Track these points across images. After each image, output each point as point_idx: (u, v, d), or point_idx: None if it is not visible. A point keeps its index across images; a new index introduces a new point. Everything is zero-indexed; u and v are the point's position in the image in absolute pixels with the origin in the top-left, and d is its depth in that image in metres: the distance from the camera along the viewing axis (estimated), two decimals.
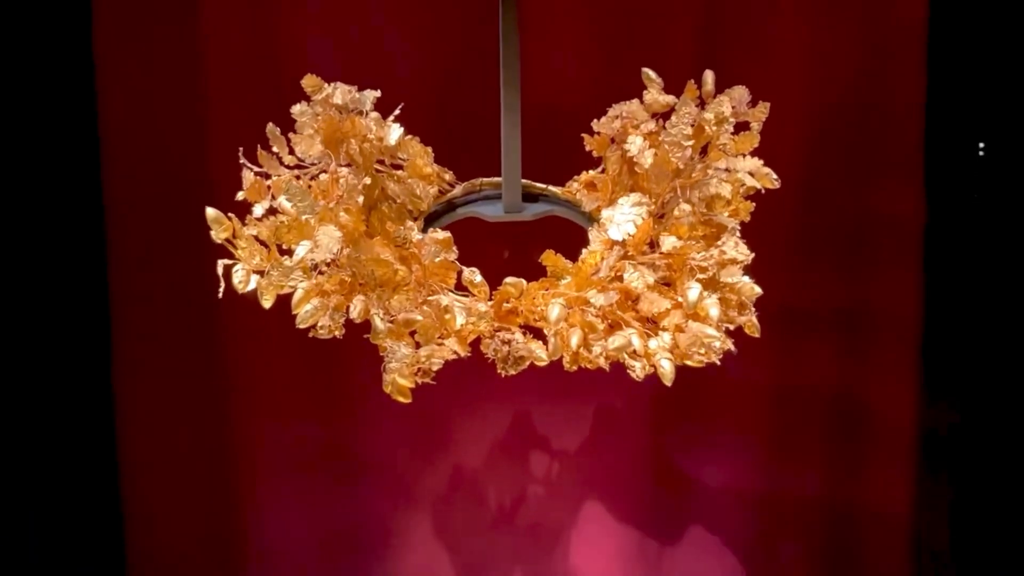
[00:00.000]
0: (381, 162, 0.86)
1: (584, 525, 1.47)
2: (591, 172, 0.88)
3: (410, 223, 0.80)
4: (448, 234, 0.79)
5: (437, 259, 0.78)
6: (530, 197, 0.90)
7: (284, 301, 0.83)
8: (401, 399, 0.81)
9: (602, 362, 0.80)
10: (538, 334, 0.83)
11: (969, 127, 1.31)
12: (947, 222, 1.37)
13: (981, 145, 1.35)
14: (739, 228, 0.83)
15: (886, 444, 1.41)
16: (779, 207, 1.23)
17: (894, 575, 1.45)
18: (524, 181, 0.89)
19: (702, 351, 0.78)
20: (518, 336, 0.80)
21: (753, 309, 0.83)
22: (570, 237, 0.89)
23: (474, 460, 1.44)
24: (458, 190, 0.90)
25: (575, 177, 0.90)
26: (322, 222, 0.79)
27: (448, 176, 0.90)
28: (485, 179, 0.90)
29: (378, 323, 0.78)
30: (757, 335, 0.84)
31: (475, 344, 0.85)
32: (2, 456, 1.25)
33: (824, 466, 1.44)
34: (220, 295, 0.84)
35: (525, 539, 1.48)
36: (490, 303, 0.81)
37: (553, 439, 1.45)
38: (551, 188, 0.90)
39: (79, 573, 1.33)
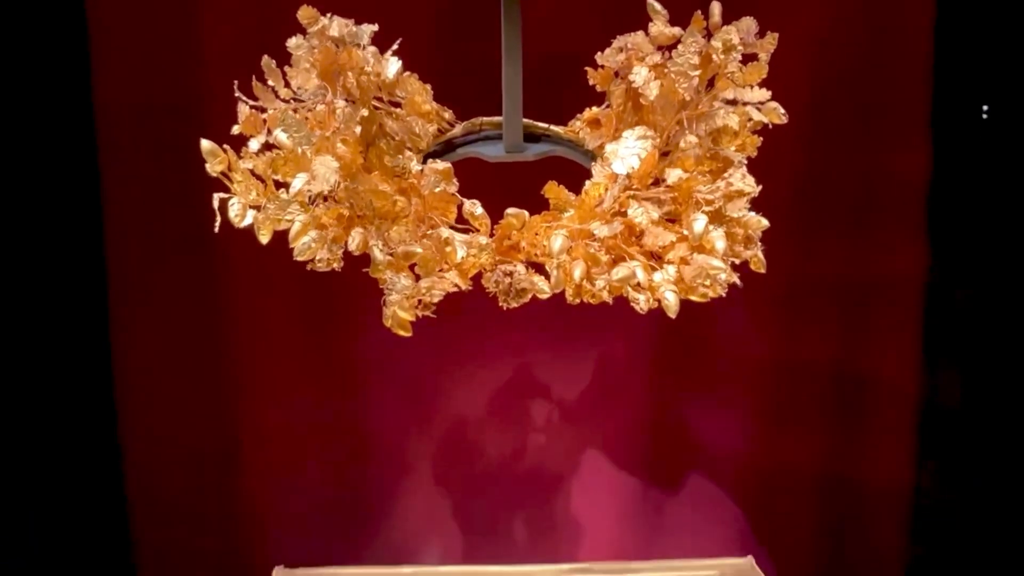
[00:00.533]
0: (379, 99, 0.85)
1: (584, 475, 1.46)
2: (595, 109, 0.86)
3: (409, 153, 0.78)
4: (448, 165, 0.78)
5: (437, 189, 0.77)
6: (532, 137, 0.88)
7: (283, 240, 0.82)
8: (402, 333, 0.79)
9: (605, 295, 0.79)
10: (541, 270, 0.82)
11: (978, 86, 1.30)
12: (953, 185, 1.35)
13: (986, 108, 1.34)
14: (746, 163, 0.81)
15: (888, 401, 1.40)
16: (781, 167, 1.22)
17: (893, 530, 1.44)
18: (525, 121, 0.87)
19: (707, 283, 0.77)
20: (520, 268, 0.78)
21: (759, 244, 0.81)
22: (573, 178, 0.87)
23: (474, 410, 1.44)
24: (458, 129, 0.88)
25: (578, 115, 0.88)
26: (318, 153, 0.77)
27: (448, 115, 0.88)
28: (486, 118, 0.88)
29: (377, 255, 0.77)
30: (763, 270, 0.82)
31: (473, 297, 0.83)
32: None
33: (825, 422, 1.44)
34: (216, 230, 0.82)
35: (524, 489, 1.48)
36: (491, 238, 0.80)
37: (553, 390, 1.44)
38: (553, 128, 0.88)
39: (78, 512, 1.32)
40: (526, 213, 0.78)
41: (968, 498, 1.42)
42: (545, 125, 0.89)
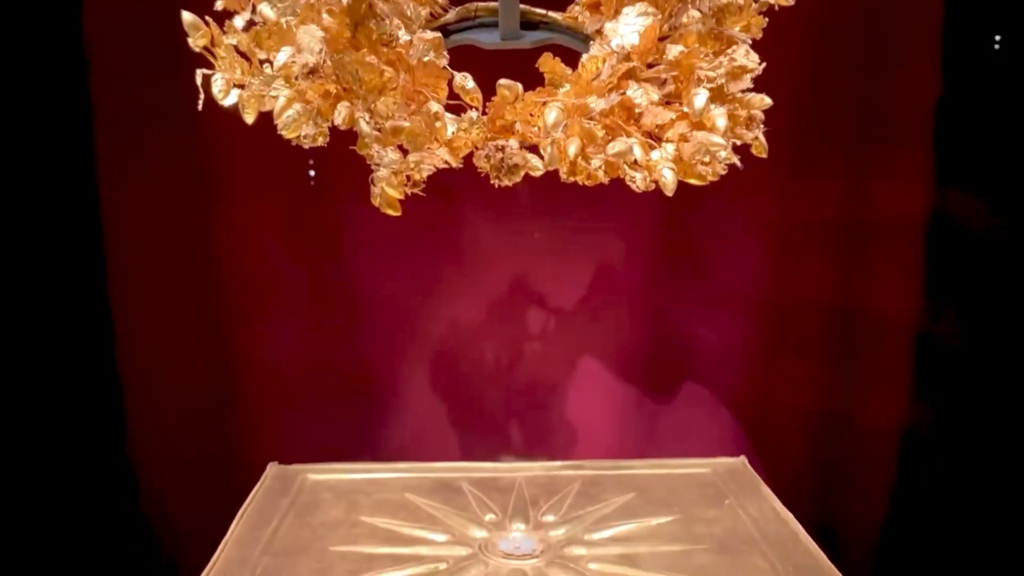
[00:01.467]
0: None
1: (581, 381, 1.46)
2: None
3: (397, 21, 0.75)
4: (439, 35, 0.75)
5: (426, 59, 0.73)
6: (529, 24, 0.85)
7: (271, 127, 0.79)
8: (391, 212, 0.76)
9: (601, 175, 0.76)
10: (536, 152, 0.78)
11: (991, 7, 1.26)
12: (963, 112, 1.31)
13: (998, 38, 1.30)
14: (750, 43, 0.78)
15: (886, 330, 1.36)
16: (784, 89, 1.20)
17: (889, 434, 1.40)
18: (523, 6, 0.84)
19: (706, 159, 0.73)
20: (512, 143, 0.75)
21: (762, 125, 0.78)
22: (572, 66, 0.84)
23: (470, 316, 1.43)
24: (451, 15, 0.85)
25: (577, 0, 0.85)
26: (303, 23, 0.74)
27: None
28: (481, 3, 0.85)
29: (364, 127, 0.74)
30: (764, 155, 0.79)
31: (472, 205, 0.81)
32: None
33: (822, 348, 1.43)
34: (200, 107, 0.79)
35: (521, 394, 1.48)
36: (484, 115, 0.76)
37: (550, 296, 1.44)
38: (551, 14, 0.85)
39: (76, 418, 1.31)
40: (519, 85, 0.75)
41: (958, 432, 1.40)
42: (543, 11, 0.85)
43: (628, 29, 0.75)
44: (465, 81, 0.75)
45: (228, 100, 0.78)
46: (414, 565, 0.99)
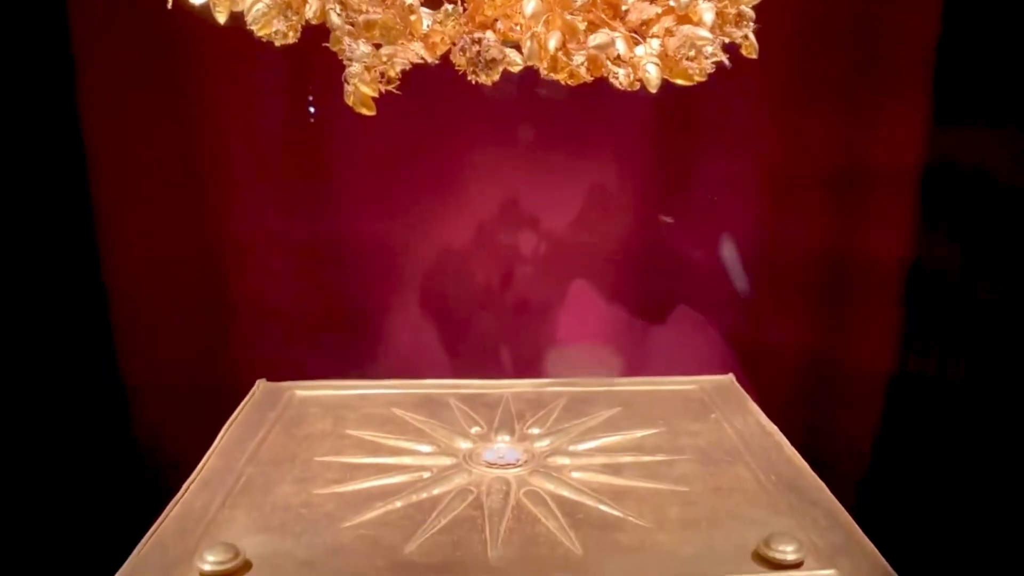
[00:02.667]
0: None
1: (571, 302, 1.46)
2: None
3: None
4: None
5: None
6: None
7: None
8: (365, 111, 0.74)
9: (583, 72, 0.73)
10: (518, 51, 0.76)
11: None
12: (962, 47, 1.28)
13: None
14: None
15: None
16: (780, 31, 1.18)
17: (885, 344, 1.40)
18: None
19: (692, 54, 0.71)
20: (489, 35, 0.72)
21: (752, 23, 0.75)
22: None
23: (460, 236, 1.42)
24: None
25: None
26: None
27: None
28: None
29: (335, 19, 0.71)
30: (755, 55, 0.76)
31: (457, 123, 0.78)
32: None
33: (813, 293, 1.42)
34: (169, 5, 0.76)
35: (510, 317, 1.48)
36: (463, 9, 0.74)
37: (542, 216, 1.42)
38: None
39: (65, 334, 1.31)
40: None
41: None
42: None
43: None
44: None
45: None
46: (398, 474, 0.99)
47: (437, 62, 0.75)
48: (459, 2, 0.74)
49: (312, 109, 1.35)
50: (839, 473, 1.36)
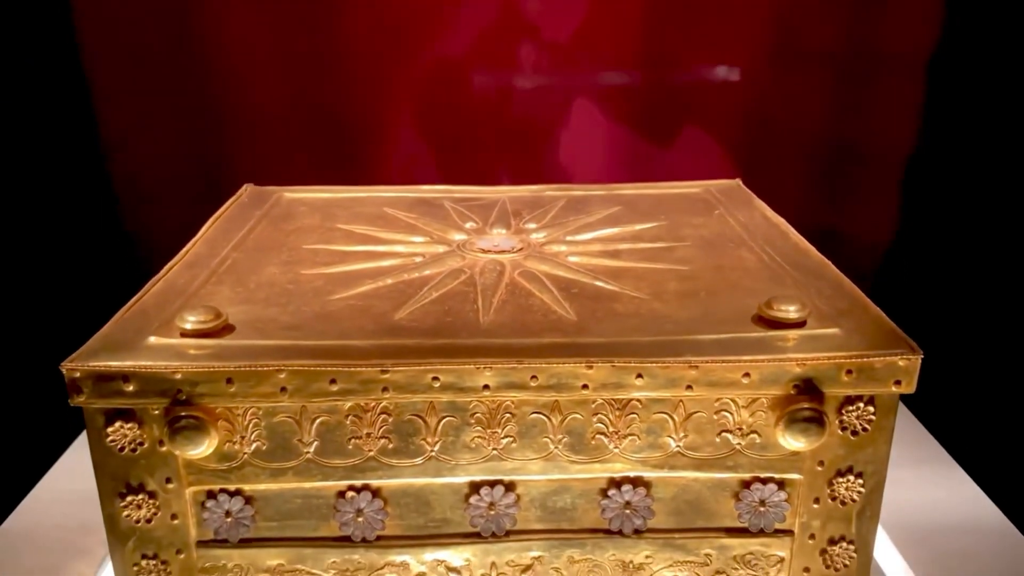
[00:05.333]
0: None
1: (574, 122, 1.41)
2: None
3: None
4: None
5: None
6: None
7: None
8: None
9: None
10: None
11: None
12: None
13: None
14: None
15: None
16: None
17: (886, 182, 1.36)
18: None
19: None
20: None
21: None
22: None
23: (460, 50, 1.37)
24: None
25: None
26: None
27: None
28: None
29: None
30: None
31: None
32: None
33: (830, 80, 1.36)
34: None
35: (512, 136, 1.44)
36: None
37: (544, 30, 1.36)
38: None
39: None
40: None
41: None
42: None
43: None
44: None
45: None
46: (390, 259, 0.96)
47: None
48: None
49: None
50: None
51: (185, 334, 0.76)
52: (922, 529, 1.07)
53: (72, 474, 1.21)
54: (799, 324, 0.77)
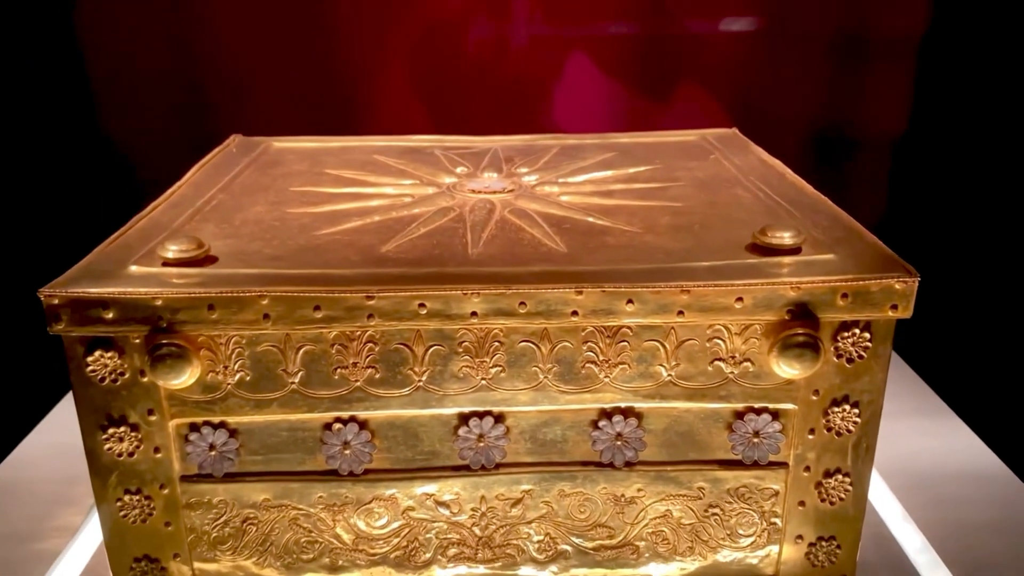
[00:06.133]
0: None
1: (569, 78, 1.39)
2: None
3: None
4: None
5: None
6: None
7: None
8: None
9: None
10: None
11: None
12: None
13: None
14: None
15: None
16: None
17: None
18: None
19: None
20: None
21: None
22: None
23: (451, 3, 1.34)
24: None
25: None
26: None
27: None
28: None
29: None
30: None
31: None
32: None
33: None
34: None
35: (506, 92, 1.42)
36: None
37: None
38: None
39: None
40: None
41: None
42: None
43: None
44: None
45: None
46: (377, 200, 0.94)
47: None
48: None
49: None
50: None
51: (167, 263, 0.75)
52: (920, 476, 1.06)
53: (62, 428, 1.19)
54: (794, 251, 0.75)
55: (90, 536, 0.99)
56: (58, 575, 0.93)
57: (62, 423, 1.20)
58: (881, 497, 1.03)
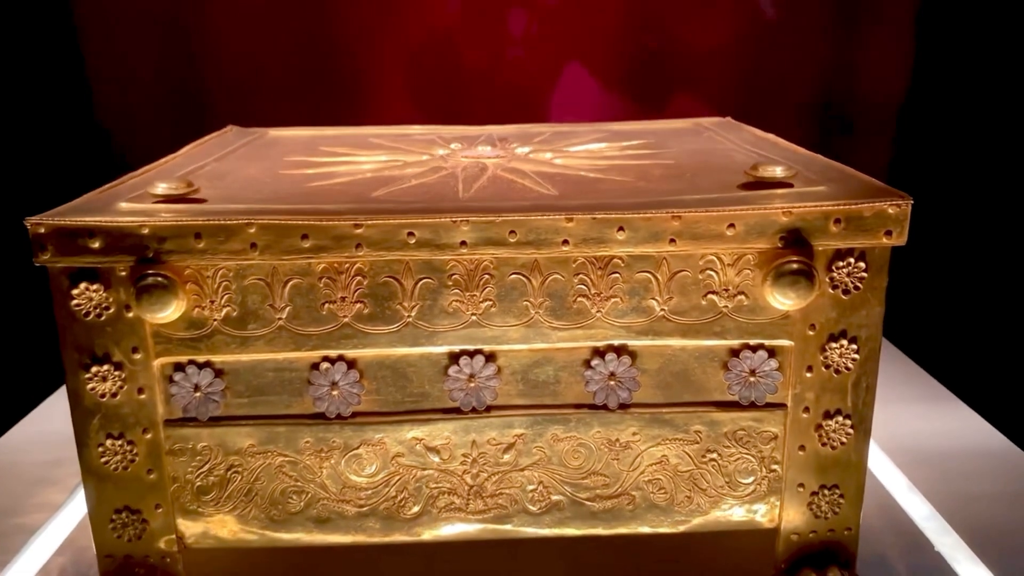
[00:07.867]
0: None
1: (564, 87, 1.41)
2: None
3: None
4: None
5: None
6: None
7: None
8: None
9: None
10: None
11: None
12: None
13: None
14: None
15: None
16: None
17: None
18: None
19: None
20: None
21: None
22: None
23: (449, 12, 1.37)
24: None
25: None
26: None
27: None
28: None
29: None
30: None
31: None
32: None
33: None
34: None
35: (501, 100, 1.43)
36: None
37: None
38: None
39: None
40: None
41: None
42: None
43: None
44: None
45: None
46: (371, 165, 0.94)
47: None
48: None
49: None
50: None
51: (157, 200, 0.74)
52: (925, 453, 1.04)
53: (50, 419, 1.18)
54: (786, 184, 0.75)
55: (72, 512, 0.96)
56: (38, 547, 0.91)
57: (51, 413, 1.19)
58: (886, 471, 1.00)
